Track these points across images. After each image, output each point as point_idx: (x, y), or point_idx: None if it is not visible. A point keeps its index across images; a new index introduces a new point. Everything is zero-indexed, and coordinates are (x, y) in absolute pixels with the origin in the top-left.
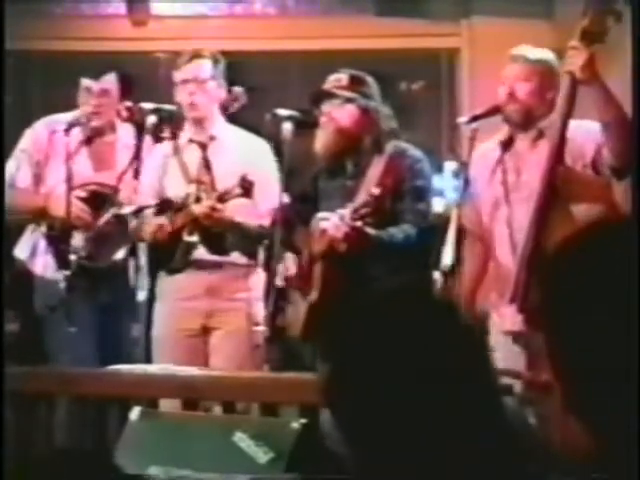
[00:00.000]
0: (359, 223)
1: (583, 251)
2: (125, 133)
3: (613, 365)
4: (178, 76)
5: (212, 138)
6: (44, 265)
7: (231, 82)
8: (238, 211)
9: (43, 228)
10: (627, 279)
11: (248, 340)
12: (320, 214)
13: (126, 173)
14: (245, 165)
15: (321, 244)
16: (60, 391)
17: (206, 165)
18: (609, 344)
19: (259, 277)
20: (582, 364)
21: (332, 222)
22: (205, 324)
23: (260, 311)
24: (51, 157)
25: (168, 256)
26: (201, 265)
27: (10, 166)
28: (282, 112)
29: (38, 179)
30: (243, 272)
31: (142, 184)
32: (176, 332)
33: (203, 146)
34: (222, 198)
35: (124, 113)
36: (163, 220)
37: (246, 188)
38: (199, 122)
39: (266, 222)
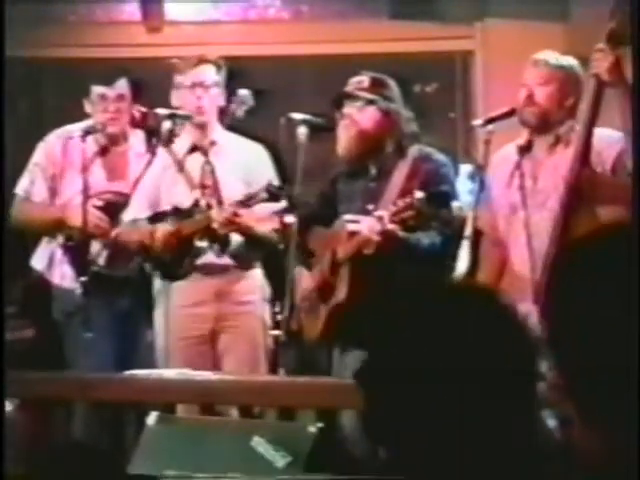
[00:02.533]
0: (396, 226)
1: (600, 252)
2: (136, 141)
3: (623, 366)
4: (183, 80)
5: (213, 143)
6: (61, 275)
7: (245, 87)
8: (251, 216)
9: (60, 239)
10: None
11: (260, 343)
12: (347, 216)
13: (139, 181)
14: (246, 170)
15: (349, 246)
16: (78, 396)
17: (209, 170)
18: (621, 344)
19: (261, 277)
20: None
21: (367, 224)
22: (214, 328)
23: (267, 312)
24: (66, 169)
25: (174, 262)
26: (208, 270)
27: (24, 180)
28: (297, 116)
29: (53, 192)
30: (248, 274)
31: (141, 188)
32: (186, 339)
33: (205, 151)
34: (246, 203)
35: (138, 118)
36: (167, 226)
37: (272, 193)
38: (202, 127)
39: (276, 227)
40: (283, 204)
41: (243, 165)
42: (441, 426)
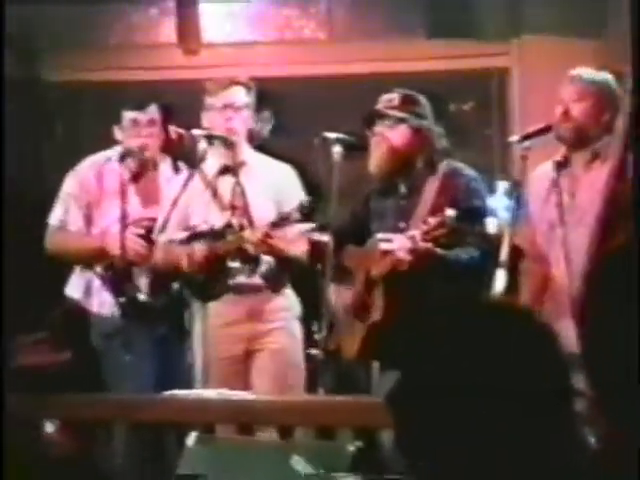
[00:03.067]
0: (429, 245)
1: (632, 266)
2: (165, 166)
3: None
4: (214, 102)
5: (243, 164)
6: (100, 303)
7: (280, 107)
8: (284, 237)
9: (99, 268)
10: None
11: (293, 361)
12: (380, 235)
13: (173, 206)
14: (275, 190)
15: (383, 265)
16: (118, 418)
17: (239, 191)
18: None
19: (292, 296)
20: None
21: (399, 243)
22: (248, 348)
23: (299, 330)
24: (101, 197)
25: (208, 283)
26: (240, 290)
27: (58, 209)
28: (331, 135)
29: (89, 220)
30: (280, 293)
31: (175, 210)
32: (218, 360)
33: (235, 172)
34: (278, 224)
35: (174, 139)
36: (201, 247)
37: (304, 214)
38: (232, 148)
39: (305, 247)
40: (316, 224)
41: (272, 186)
42: (479, 445)
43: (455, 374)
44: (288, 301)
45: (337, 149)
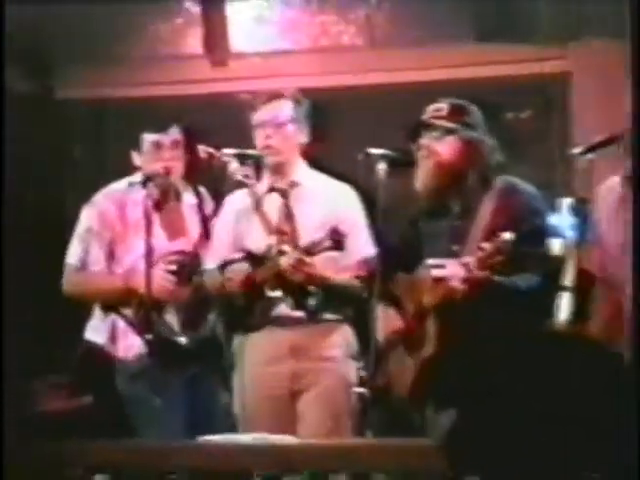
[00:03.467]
0: (485, 272)
1: None
2: (188, 194)
3: None
4: (255, 118)
5: (293, 185)
6: (127, 347)
7: (320, 120)
8: (328, 264)
9: (126, 311)
10: None
11: (343, 403)
12: (431, 261)
13: (202, 236)
14: (330, 213)
15: (435, 294)
16: (148, 465)
17: (288, 214)
18: None
19: (348, 332)
20: None
21: (452, 270)
22: (292, 388)
23: (353, 370)
24: (124, 232)
25: (246, 313)
26: (283, 322)
27: (77, 248)
28: (375, 151)
29: (112, 258)
30: (330, 327)
31: (218, 236)
32: (260, 400)
33: (284, 193)
34: (310, 251)
35: (204, 160)
36: (243, 273)
37: (337, 241)
38: (279, 168)
39: (358, 275)
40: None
41: (328, 208)
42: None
43: (519, 413)
44: (339, 337)
45: (382, 166)
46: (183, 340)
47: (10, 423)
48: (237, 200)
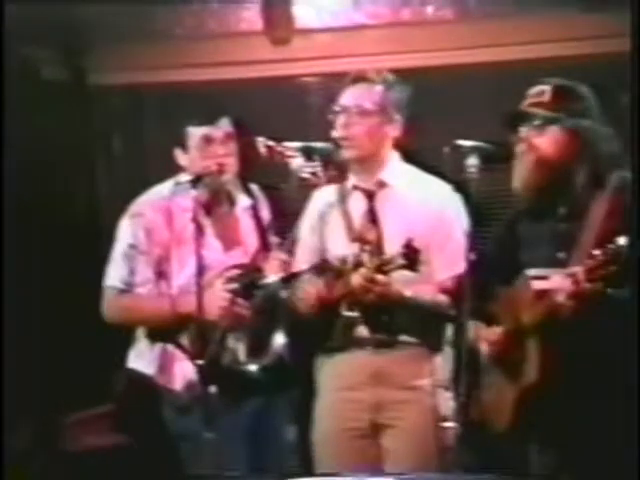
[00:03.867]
0: (598, 284)
1: None
2: (239, 194)
3: None
4: (336, 105)
5: (381, 185)
6: (179, 377)
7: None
8: (408, 282)
9: (181, 338)
10: None
11: (432, 440)
12: (532, 271)
13: (260, 244)
14: (423, 219)
15: (537, 310)
16: None
17: (372, 219)
18: None
19: (436, 358)
20: None
21: (557, 282)
22: (374, 420)
23: (446, 402)
24: (175, 246)
25: (325, 333)
26: (363, 345)
27: (120, 269)
28: (466, 144)
29: (162, 277)
30: (419, 352)
31: (302, 239)
32: (339, 432)
33: (369, 195)
34: (381, 269)
35: (265, 154)
36: (318, 286)
37: (411, 258)
38: (363, 164)
39: (445, 291)
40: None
41: (423, 213)
42: None
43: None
44: (426, 363)
45: (473, 160)
46: (251, 368)
47: (42, 462)
48: (324, 197)
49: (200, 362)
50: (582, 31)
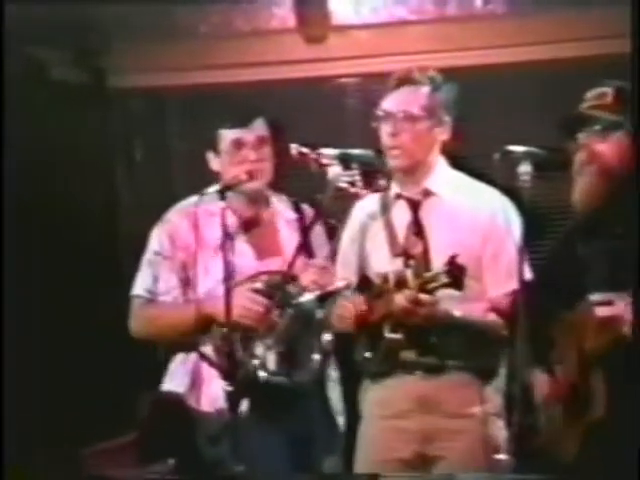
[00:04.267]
0: None
1: None
2: (281, 204)
3: None
4: (380, 109)
5: (427, 194)
6: (210, 397)
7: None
8: (457, 300)
9: (207, 348)
10: None
11: (485, 473)
12: (595, 296)
13: (298, 255)
14: (473, 230)
15: (601, 339)
16: None
17: (417, 231)
18: None
19: (496, 385)
20: None
21: (623, 309)
22: (422, 451)
23: (500, 432)
24: (202, 252)
25: (364, 354)
26: (411, 369)
27: (145, 277)
28: (517, 149)
29: (187, 284)
30: (470, 377)
31: (342, 252)
32: (383, 464)
33: (414, 204)
34: (424, 288)
35: (298, 161)
36: (358, 305)
37: (455, 276)
38: (408, 172)
39: (498, 311)
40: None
41: (472, 225)
42: None
43: None
44: (478, 389)
45: (525, 168)
46: (281, 380)
47: None
48: (365, 207)
49: (229, 386)
50: None
